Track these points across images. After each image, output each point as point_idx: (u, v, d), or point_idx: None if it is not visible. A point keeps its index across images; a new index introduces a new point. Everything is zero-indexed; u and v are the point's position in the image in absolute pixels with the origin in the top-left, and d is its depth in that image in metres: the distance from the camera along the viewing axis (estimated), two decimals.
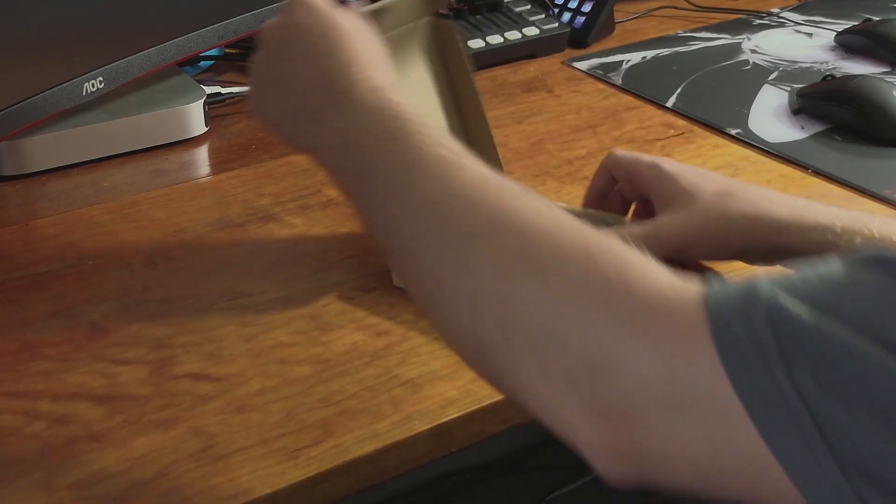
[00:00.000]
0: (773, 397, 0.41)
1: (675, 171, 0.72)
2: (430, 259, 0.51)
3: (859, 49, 1.18)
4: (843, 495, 0.40)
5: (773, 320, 0.42)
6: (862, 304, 0.41)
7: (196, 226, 0.83)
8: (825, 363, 0.41)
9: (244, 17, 1.00)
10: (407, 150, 0.54)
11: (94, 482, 0.58)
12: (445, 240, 0.50)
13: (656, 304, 0.44)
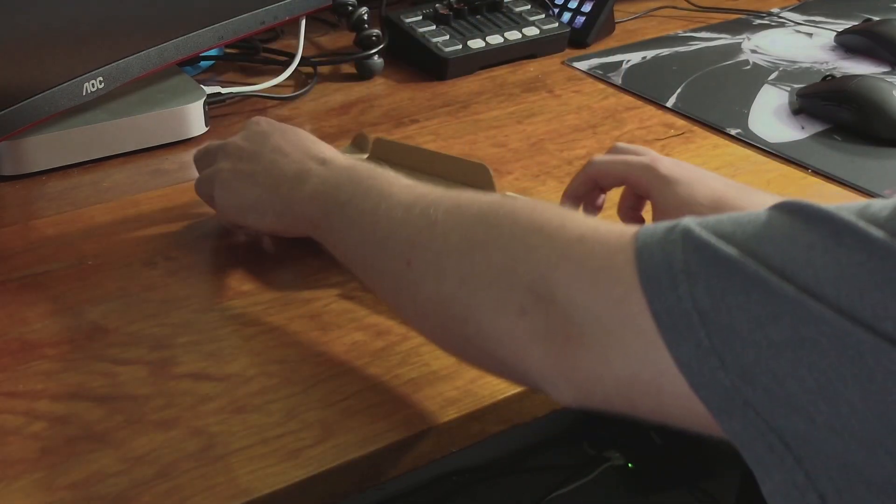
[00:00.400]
0: (676, 312, 0.45)
1: (671, 176, 0.72)
2: (399, 247, 0.60)
3: (859, 49, 1.18)
4: (733, 399, 0.44)
5: (685, 245, 0.46)
6: (764, 238, 0.45)
7: (196, 226, 0.83)
8: (719, 277, 0.44)
9: (244, 17, 1.00)
10: (373, 190, 0.65)
11: (94, 482, 0.58)
12: (414, 228, 0.59)
13: (590, 239, 0.51)
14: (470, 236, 0.56)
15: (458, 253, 0.56)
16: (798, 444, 0.43)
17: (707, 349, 0.44)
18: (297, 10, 1.06)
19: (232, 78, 1.10)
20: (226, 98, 1.03)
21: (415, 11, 1.16)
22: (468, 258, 0.55)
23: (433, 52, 1.10)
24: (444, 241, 0.57)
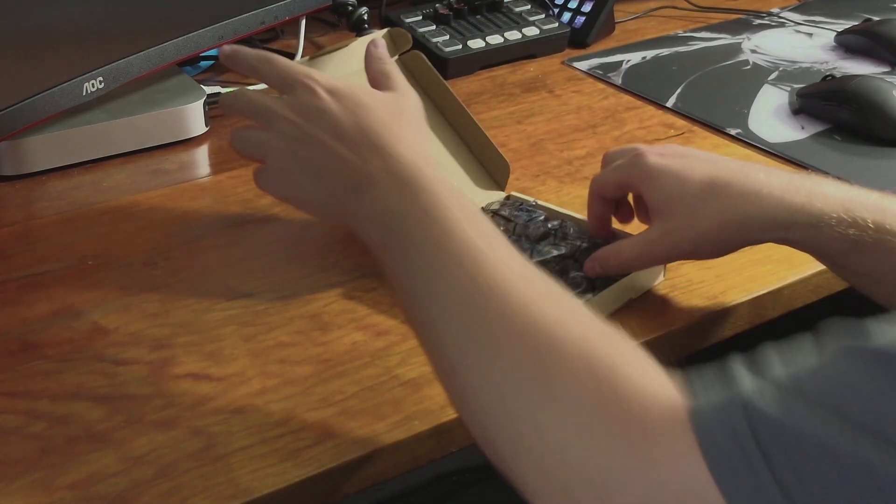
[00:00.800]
0: (756, 493, 0.42)
1: (659, 167, 0.69)
2: (449, 346, 0.53)
3: (859, 49, 1.18)
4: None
5: (750, 420, 0.43)
6: (838, 393, 0.43)
7: (196, 226, 0.83)
8: (802, 457, 0.42)
9: (244, 17, 1.00)
10: (436, 229, 0.57)
11: (94, 482, 0.58)
12: (463, 335, 0.53)
13: (645, 420, 0.46)
14: (514, 381, 0.50)
15: (503, 401, 0.50)
16: None
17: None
18: (297, 10, 1.06)
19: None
20: None
21: (415, 11, 1.16)
22: (512, 410, 0.49)
23: (433, 52, 1.10)
24: (491, 374, 0.51)
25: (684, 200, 0.68)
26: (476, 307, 0.53)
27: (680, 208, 0.68)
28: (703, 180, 0.68)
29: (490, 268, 0.54)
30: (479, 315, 0.53)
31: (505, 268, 0.54)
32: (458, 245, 0.55)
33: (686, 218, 0.68)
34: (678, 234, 0.69)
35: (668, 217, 0.69)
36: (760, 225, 0.67)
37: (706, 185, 0.68)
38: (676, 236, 0.69)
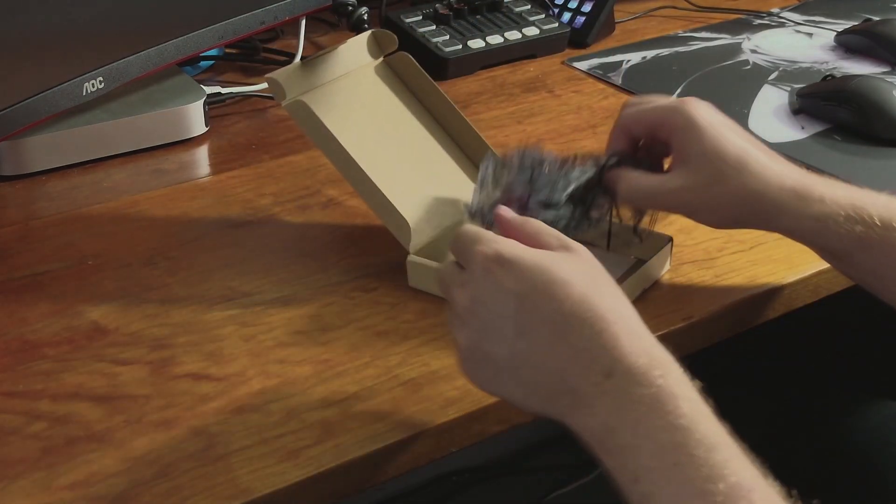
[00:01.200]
0: None
1: (701, 124, 0.69)
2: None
3: (859, 49, 1.18)
4: None
5: None
6: None
7: (196, 226, 0.83)
8: None
9: (244, 17, 0.99)
10: (670, 473, 0.51)
11: (94, 482, 0.58)
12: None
13: None
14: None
15: None
16: None
17: None
18: (297, 10, 1.06)
19: (232, 78, 1.10)
20: (226, 98, 1.03)
21: (415, 11, 1.16)
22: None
23: (433, 52, 1.10)
24: None
25: (714, 164, 0.68)
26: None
27: (708, 170, 0.69)
28: (737, 153, 0.68)
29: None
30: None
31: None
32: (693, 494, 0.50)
33: (709, 181, 0.68)
34: (696, 192, 0.69)
35: (694, 173, 0.69)
36: (774, 210, 0.68)
37: (738, 157, 0.68)
38: (693, 194, 0.69)
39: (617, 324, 0.54)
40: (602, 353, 0.54)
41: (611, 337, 0.54)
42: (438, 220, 0.78)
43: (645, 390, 0.52)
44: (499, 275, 0.56)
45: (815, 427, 0.84)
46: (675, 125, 0.70)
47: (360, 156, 0.75)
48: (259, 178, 0.91)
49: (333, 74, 0.81)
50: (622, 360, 0.53)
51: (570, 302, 0.54)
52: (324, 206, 0.86)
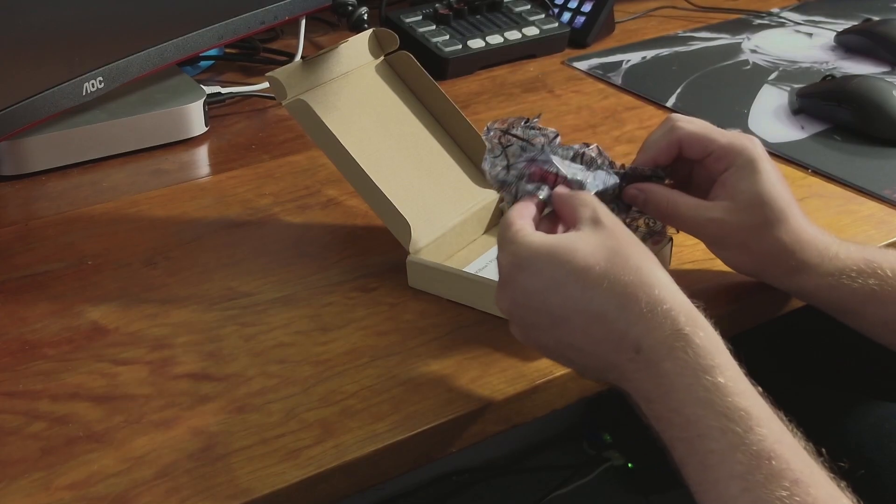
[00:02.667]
0: None
1: (760, 167, 0.68)
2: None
3: (859, 49, 1.18)
4: None
5: None
6: None
7: (196, 226, 0.83)
8: None
9: (244, 17, 1.00)
10: (696, 444, 0.54)
11: (94, 482, 0.58)
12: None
13: None
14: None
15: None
16: None
17: None
18: (297, 10, 1.06)
19: (232, 78, 1.10)
20: (226, 98, 1.03)
21: (415, 11, 1.16)
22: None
23: (433, 52, 1.11)
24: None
25: (762, 210, 0.68)
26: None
27: (755, 213, 0.68)
28: (782, 205, 0.68)
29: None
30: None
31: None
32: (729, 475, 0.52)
33: (751, 223, 0.68)
34: (733, 229, 0.69)
35: (738, 212, 0.68)
36: (798, 267, 0.69)
37: (782, 209, 0.68)
38: (729, 230, 0.69)
39: (639, 296, 0.57)
40: (629, 329, 0.57)
41: (635, 312, 0.57)
42: (439, 221, 0.78)
43: (670, 365, 0.55)
44: (520, 279, 0.60)
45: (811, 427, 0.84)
46: (735, 160, 0.69)
47: (361, 155, 0.75)
48: (259, 178, 0.91)
49: (334, 73, 0.81)
50: (648, 335, 0.56)
51: (592, 286, 0.57)
52: (324, 206, 0.86)
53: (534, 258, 0.59)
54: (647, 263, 0.58)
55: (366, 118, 0.80)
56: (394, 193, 0.75)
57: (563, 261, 0.58)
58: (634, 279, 0.57)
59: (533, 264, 0.59)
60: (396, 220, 0.74)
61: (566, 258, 0.58)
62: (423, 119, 0.84)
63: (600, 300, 0.57)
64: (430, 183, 0.80)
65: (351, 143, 0.75)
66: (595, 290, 0.57)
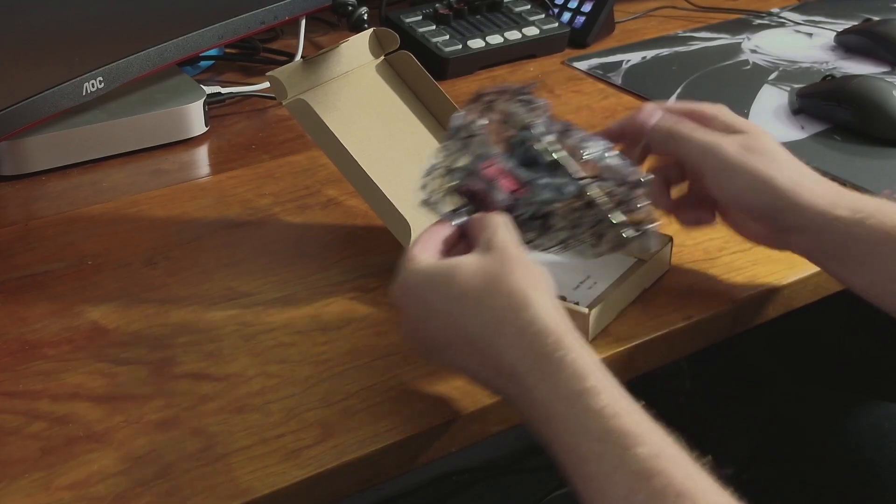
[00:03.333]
0: None
1: (735, 162, 0.70)
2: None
3: (859, 49, 1.18)
4: None
5: None
6: None
7: (196, 226, 0.83)
8: None
9: (244, 17, 1.00)
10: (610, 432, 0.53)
11: (94, 482, 0.58)
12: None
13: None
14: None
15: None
16: None
17: None
18: (297, 10, 1.06)
19: (232, 78, 1.10)
20: (226, 98, 1.03)
21: (415, 11, 1.16)
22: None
23: (433, 52, 1.10)
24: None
25: (768, 154, 0.72)
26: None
27: (761, 151, 0.72)
28: (793, 162, 0.72)
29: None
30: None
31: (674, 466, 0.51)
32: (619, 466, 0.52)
33: (759, 155, 0.71)
34: (747, 155, 0.70)
35: (749, 144, 0.71)
36: (799, 203, 0.69)
37: (796, 167, 0.72)
38: (743, 155, 0.70)
39: (509, 320, 0.57)
40: (503, 354, 0.57)
41: (507, 336, 0.57)
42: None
43: (543, 392, 0.55)
44: (406, 307, 0.61)
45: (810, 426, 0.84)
46: (706, 166, 0.70)
47: (361, 155, 0.75)
48: (259, 178, 0.91)
49: (334, 73, 0.81)
50: (519, 361, 0.56)
51: (467, 311, 0.58)
52: (324, 206, 0.86)
53: (415, 286, 0.60)
54: (523, 286, 0.58)
55: (366, 118, 0.80)
56: (393, 193, 0.75)
57: (440, 287, 0.59)
58: (506, 303, 0.57)
59: (414, 291, 0.60)
60: (396, 220, 0.75)
61: (444, 284, 0.59)
62: (423, 119, 0.84)
63: (474, 325, 0.58)
64: None
65: (351, 143, 0.75)
66: (469, 316, 0.58)
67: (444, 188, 0.65)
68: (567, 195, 0.65)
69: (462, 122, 0.67)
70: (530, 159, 0.66)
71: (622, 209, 0.66)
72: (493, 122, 0.67)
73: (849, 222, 0.67)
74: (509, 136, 0.67)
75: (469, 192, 0.65)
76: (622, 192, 0.66)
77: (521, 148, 0.67)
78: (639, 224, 0.66)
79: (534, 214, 0.65)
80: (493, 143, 0.67)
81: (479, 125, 0.66)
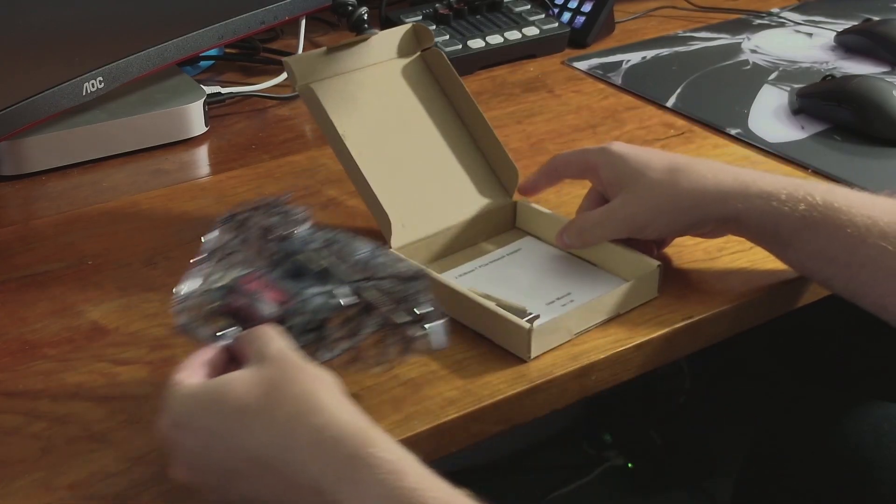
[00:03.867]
0: None
1: (623, 152, 0.74)
2: None
3: (859, 49, 1.18)
4: None
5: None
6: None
7: (196, 226, 0.83)
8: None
9: (244, 16, 1.00)
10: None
11: (94, 482, 0.58)
12: None
13: None
14: None
15: None
16: None
17: None
18: (297, 10, 1.06)
19: (232, 78, 1.10)
20: (225, 98, 1.03)
21: (415, 11, 1.16)
22: None
23: None
24: None
25: (645, 177, 0.72)
26: None
27: (641, 184, 0.73)
28: (664, 164, 0.73)
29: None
30: None
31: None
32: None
33: (645, 191, 0.72)
34: (636, 205, 0.73)
35: (629, 191, 0.73)
36: (714, 197, 0.71)
37: (666, 167, 0.72)
38: (634, 207, 0.73)
39: (300, 429, 0.51)
40: (303, 470, 0.50)
41: (301, 448, 0.50)
42: (434, 222, 0.78)
43: (358, 501, 0.49)
44: (180, 440, 0.53)
45: (810, 426, 0.84)
46: (602, 164, 0.75)
47: (356, 146, 0.76)
48: (259, 178, 0.91)
49: (361, 64, 0.81)
50: (323, 474, 0.50)
51: (249, 427, 0.51)
52: (324, 206, 0.86)
53: (186, 412, 0.53)
54: (309, 388, 0.52)
55: (380, 112, 0.80)
56: (382, 187, 0.75)
57: (213, 406, 0.52)
58: (293, 410, 0.51)
59: (186, 418, 0.53)
60: (380, 213, 0.75)
61: (217, 402, 0.52)
62: (444, 119, 0.83)
63: (260, 442, 0.51)
64: (431, 184, 0.80)
65: (352, 134, 0.76)
66: (252, 432, 0.51)
67: (203, 311, 0.59)
68: (340, 300, 0.59)
69: (216, 243, 0.62)
70: (296, 271, 0.61)
71: (403, 307, 0.60)
72: (252, 239, 0.62)
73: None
74: (271, 252, 0.62)
75: (232, 310, 0.59)
76: (400, 290, 0.60)
77: (285, 261, 0.61)
78: (423, 320, 0.60)
79: (307, 325, 0.59)
80: (253, 259, 0.61)
81: (235, 243, 0.62)
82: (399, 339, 0.60)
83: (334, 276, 0.60)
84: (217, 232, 0.62)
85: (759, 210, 0.70)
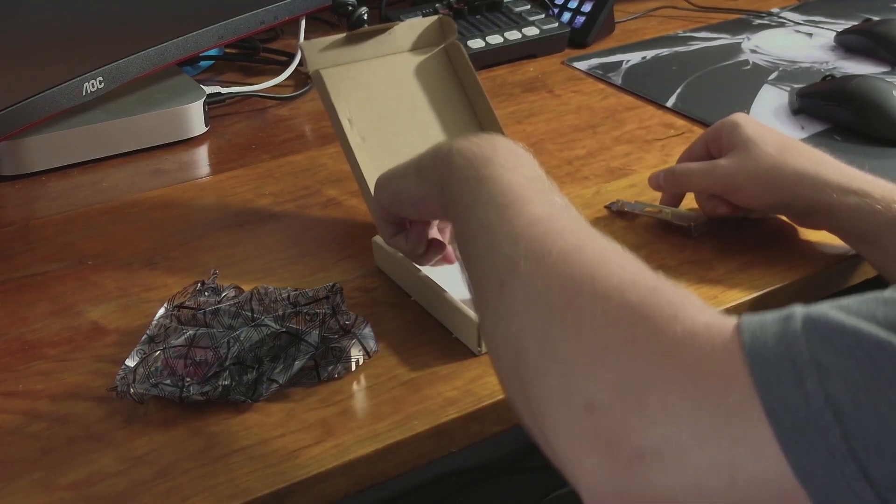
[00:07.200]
0: (802, 413, 0.38)
1: (743, 122, 0.78)
2: (502, 263, 0.51)
3: (859, 49, 1.18)
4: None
5: (807, 330, 0.39)
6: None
7: (196, 226, 0.83)
8: (862, 367, 0.38)
9: (244, 17, 1.00)
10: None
11: (94, 482, 0.58)
12: (526, 248, 0.51)
13: (701, 338, 0.42)
14: (570, 296, 0.47)
15: (550, 308, 0.47)
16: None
17: (843, 455, 0.38)
18: (297, 10, 1.06)
19: (232, 78, 1.10)
20: (225, 98, 1.03)
21: (414, 11, 1.16)
22: (559, 319, 0.46)
23: None
24: (545, 285, 0.48)
25: (757, 147, 0.76)
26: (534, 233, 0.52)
27: (749, 150, 0.76)
28: (777, 141, 0.77)
29: (558, 223, 0.53)
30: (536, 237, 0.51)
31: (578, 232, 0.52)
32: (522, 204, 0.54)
33: (750, 159, 0.76)
34: (737, 167, 0.76)
35: (736, 154, 0.77)
36: (812, 183, 0.73)
37: (778, 145, 0.76)
38: (735, 168, 0.76)
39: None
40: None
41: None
42: None
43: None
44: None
45: None
46: (725, 131, 0.79)
47: (360, 133, 0.76)
48: (259, 178, 0.91)
49: (377, 53, 0.81)
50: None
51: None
52: (323, 205, 0.86)
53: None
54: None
55: (393, 102, 0.81)
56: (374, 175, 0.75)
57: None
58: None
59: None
60: (370, 201, 0.76)
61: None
62: (457, 113, 0.83)
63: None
64: None
65: (358, 121, 0.76)
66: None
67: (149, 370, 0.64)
68: (267, 327, 0.64)
69: (154, 331, 0.67)
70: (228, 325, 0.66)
71: (332, 322, 0.66)
72: (185, 316, 0.67)
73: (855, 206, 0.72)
74: (204, 322, 0.66)
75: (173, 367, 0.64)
76: (325, 308, 0.66)
77: (213, 324, 0.66)
78: (352, 329, 0.66)
79: (244, 362, 0.63)
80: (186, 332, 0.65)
81: (172, 324, 0.67)
82: (334, 353, 0.65)
83: (260, 316, 0.65)
84: (154, 324, 0.68)
85: (853, 205, 0.71)
